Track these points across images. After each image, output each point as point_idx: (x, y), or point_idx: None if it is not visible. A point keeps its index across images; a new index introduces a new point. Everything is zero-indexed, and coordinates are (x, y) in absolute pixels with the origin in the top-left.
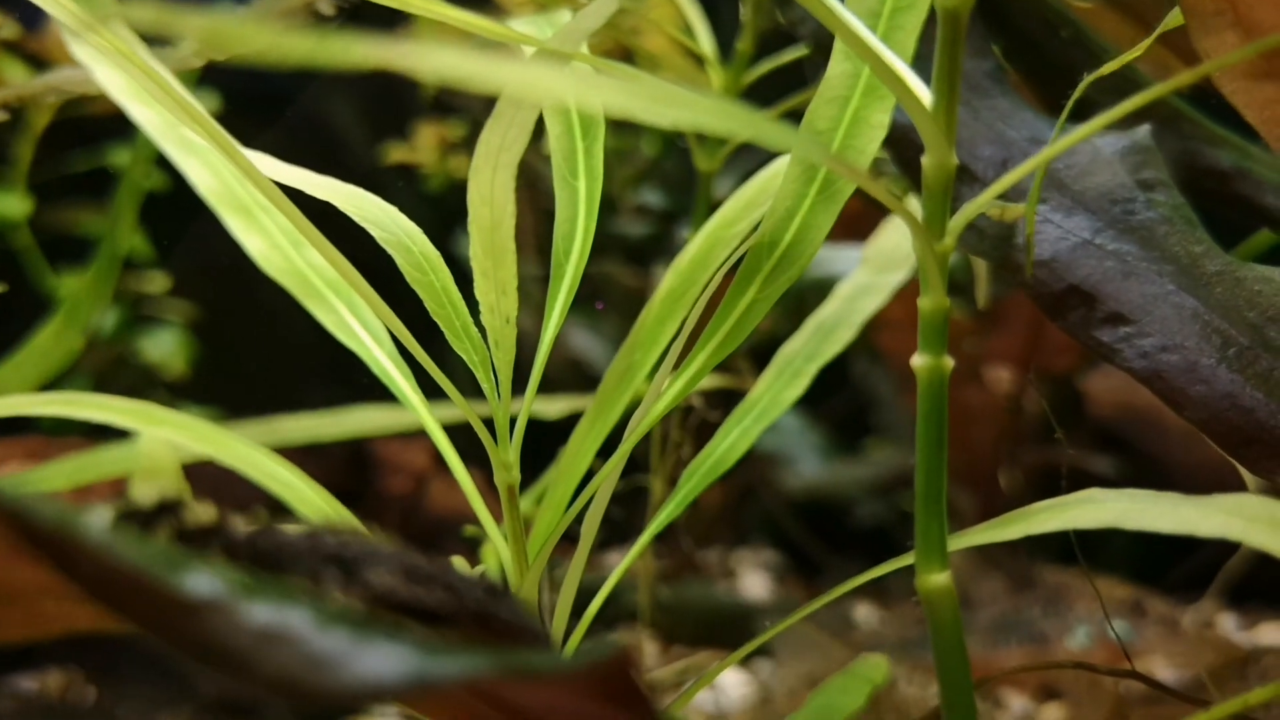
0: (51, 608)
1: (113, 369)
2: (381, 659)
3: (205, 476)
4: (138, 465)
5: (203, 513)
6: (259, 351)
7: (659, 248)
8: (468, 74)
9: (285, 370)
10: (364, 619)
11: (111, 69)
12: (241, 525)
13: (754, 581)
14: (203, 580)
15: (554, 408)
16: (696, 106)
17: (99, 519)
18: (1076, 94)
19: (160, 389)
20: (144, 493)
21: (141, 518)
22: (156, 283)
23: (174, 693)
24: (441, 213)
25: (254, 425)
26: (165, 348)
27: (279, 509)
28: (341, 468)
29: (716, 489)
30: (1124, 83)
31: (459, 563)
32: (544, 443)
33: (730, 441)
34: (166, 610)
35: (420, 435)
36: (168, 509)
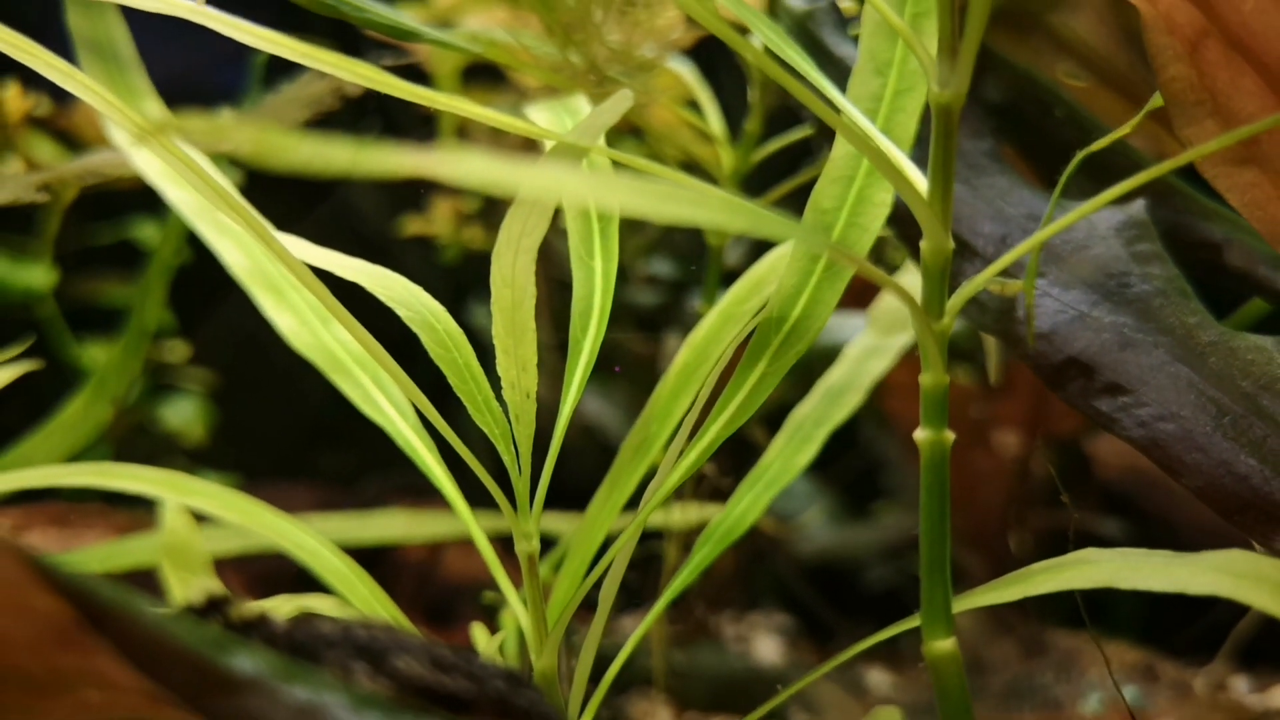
0: (95, 697)
1: (133, 436)
2: None
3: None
4: (165, 553)
5: (247, 607)
6: (274, 418)
7: (670, 316)
8: (495, 179)
9: (300, 436)
10: (395, 703)
11: (148, 153)
12: (282, 618)
13: (767, 646)
14: (247, 661)
15: (567, 525)
16: (705, 205)
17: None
18: (1068, 172)
19: (179, 456)
20: (188, 588)
21: (194, 610)
22: (177, 352)
23: None
24: (455, 283)
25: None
26: (185, 415)
27: (304, 576)
28: None
29: (728, 554)
30: (1119, 158)
31: (478, 630)
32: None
33: (743, 508)
34: (213, 688)
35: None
36: (216, 604)
